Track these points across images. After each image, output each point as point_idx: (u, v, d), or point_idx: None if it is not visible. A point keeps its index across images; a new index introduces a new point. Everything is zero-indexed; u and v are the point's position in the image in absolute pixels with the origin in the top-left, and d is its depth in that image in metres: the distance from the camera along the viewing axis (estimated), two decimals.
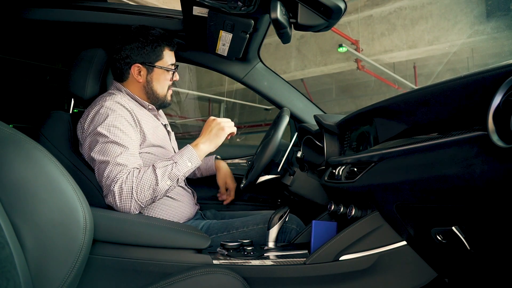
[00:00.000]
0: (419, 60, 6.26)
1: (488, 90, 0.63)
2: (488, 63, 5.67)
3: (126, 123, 1.15)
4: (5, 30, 1.50)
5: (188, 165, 1.12)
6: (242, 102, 8.36)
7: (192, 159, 1.13)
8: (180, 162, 1.10)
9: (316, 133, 1.50)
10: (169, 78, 1.32)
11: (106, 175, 1.06)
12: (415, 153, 0.79)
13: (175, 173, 1.09)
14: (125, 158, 1.08)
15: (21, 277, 0.67)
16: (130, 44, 1.25)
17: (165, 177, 1.07)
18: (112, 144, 1.09)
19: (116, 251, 0.92)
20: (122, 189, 1.02)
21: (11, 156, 0.72)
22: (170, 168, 1.08)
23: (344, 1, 0.95)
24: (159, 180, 1.06)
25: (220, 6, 1.10)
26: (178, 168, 1.09)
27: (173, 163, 1.09)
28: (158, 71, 1.28)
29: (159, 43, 1.27)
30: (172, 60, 1.32)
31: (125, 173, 1.05)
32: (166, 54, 1.29)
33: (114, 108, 1.16)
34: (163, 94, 1.32)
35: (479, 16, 4.88)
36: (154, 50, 1.26)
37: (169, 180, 1.08)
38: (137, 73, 1.27)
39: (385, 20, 5.61)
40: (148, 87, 1.29)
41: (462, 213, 0.71)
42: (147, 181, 1.05)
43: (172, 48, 1.32)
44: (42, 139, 1.19)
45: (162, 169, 1.07)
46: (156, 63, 1.27)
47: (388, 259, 0.94)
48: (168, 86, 1.33)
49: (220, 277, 0.89)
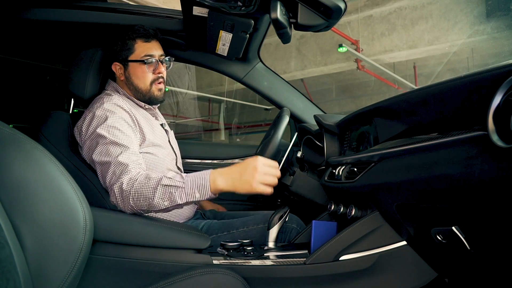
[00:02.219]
0: (419, 60, 6.26)
1: (488, 90, 0.63)
2: (488, 63, 5.67)
3: (125, 124, 1.15)
4: (5, 30, 1.50)
5: (196, 195, 0.95)
6: (242, 102, 8.36)
7: (202, 190, 0.95)
8: (187, 188, 0.95)
9: (316, 133, 1.50)
10: (147, 70, 1.25)
11: (110, 175, 1.04)
12: (415, 153, 0.79)
13: (175, 198, 0.95)
14: (126, 157, 1.06)
15: (21, 277, 0.67)
16: (108, 43, 1.28)
17: (165, 197, 0.95)
18: (113, 144, 1.08)
19: (116, 251, 0.92)
20: (123, 190, 1.00)
21: (11, 156, 0.72)
22: (173, 190, 0.95)
23: (344, 1, 0.95)
24: (156, 197, 0.95)
25: (220, 6, 1.10)
26: (181, 195, 0.95)
27: (179, 188, 0.95)
28: (132, 65, 1.25)
29: (129, 36, 1.24)
30: (147, 51, 1.24)
31: (128, 173, 1.02)
32: (138, 46, 1.24)
33: (113, 109, 1.15)
34: (146, 88, 1.26)
35: (479, 16, 4.88)
36: (125, 45, 1.25)
37: (167, 202, 0.95)
38: (118, 71, 1.28)
39: (385, 20, 5.61)
40: (129, 83, 1.27)
41: (462, 213, 0.71)
42: (145, 192, 0.96)
43: (146, 40, 1.25)
44: (42, 139, 1.19)
45: (164, 188, 0.95)
46: (129, 57, 1.25)
47: (388, 259, 0.94)
48: (152, 80, 1.26)
49: (220, 277, 0.89)
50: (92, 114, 1.15)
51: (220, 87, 7.91)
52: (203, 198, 0.96)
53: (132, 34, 1.25)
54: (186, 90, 7.07)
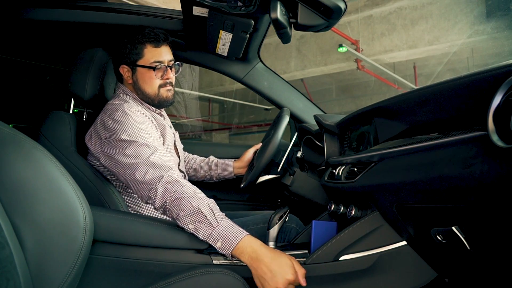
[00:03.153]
0: (419, 60, 6.27)
1: (488, 90, 0.63)
2: (488, 63, 5.68)
3: (150, 127, 1.14)
4: (5, 30, 1.50)
5: (217, 243, 0.89)
6: (242, 102, 8.36)
7: (226, 245, 0.88)
8: (215, 232, 0.89)
9: (316, 133, 1.50)
10: (155, 76, 1.24)
11: (150, 175, 1.00)
12: (415, 153, 0.79)
13: (198, 230, 0.91)
14: (158, 158, 1.04)
15: (21, 277, 0.67)
16: (117, 45, 1.26)
17: (193, 221, 0.91)
18: (142, 146, 1.06)
19: (116, 251, 0.92)
20: (167, 190, 0.97)
21: (11, 156, 0.72)
22: (204, 222, 0.90)
23: (344, 1, 0.95)
24: (188, 217, 0.92)
25: (220, 6, 1.10)
26: (205, 232, 0.90)
27: (210, 226, 0.90)
28: (140, 70, 1.23)
29: (139, 40, 1.22)
30: (156, 57, 1.23)
31: (172, 173, 1.00)
32: (147, 51, 1.23)
33: (133, 114, 1.14)
34: (154, 93, 1.25)
35: (479, 16, 4.88)
36: (134, 49, 1.22)
37: (192, 226, 0.92)
38: (126, 74, 1.26)
39: (385, 20, 5.62)
40: (137, 87, 1.26)
41: (462, 213, 0.71)
42: (183, 206, 0.93)
43: (156, 44, 1.23)
44: (42, 139, 1.19)
45: (199, 214, 0.91)
46: (137, 62, 1.23)
47: (388, 259, 0.94)
48: (160, 85, 1.25)
49: (220, 277, 0.88)
50: (115, 123, 1.12)
51: (220, 87, 7.92)
52: (221, 252, 0.89)
53: (142, 38, 1.22)
54: (189, 90, 7.08)
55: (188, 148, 1.66)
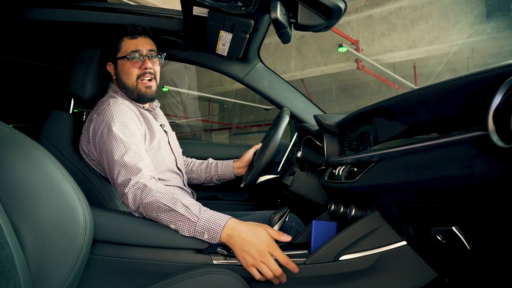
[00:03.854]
0: (419, 60, 6.26)
1: (488, 90, 0.63)
2: (488, 63, 5.68)
3: (132, 125, 1.15)
4: (5, 30, 1.50)
5: (204, 235, 0.92)
6: (242, 102, 8.36)
7: (213, 234, 0.91)
8: (198, 226, 0.92)
9: (316, 133, 1.50)
10: (133, 66, 1.24)
11: (122, 178, 1.03)
12: (415, 153, 0.79)
13: (182, 229, 0.93)
14: (136, 159, 1.06)
15: (21, 277, 0.67)
16: (104, 44, 1.30)
17: (173, 222, 0.93)
18: (122, 146, 1.08)
19: (116, 251, 0.92)
20: (136, 196, 0.99)
21: (11, 156, 0.72)
22: (184, 221, 0.92)
23: (344, 1, 0.95)
24: (165, 218, 0.94)
25: (220, 6, 1.10)
26: (190, 229, 0.92)
27: (191, 222, 0.92)
28: (120, 62, 1.26)
29: (116, 35, 1.27)
30: (132, 47, 1.24)
31: (141, 177, 1.01)
32: (125, 44, 1.26)
33: (119, 111, 1.16)
34: (132, 85, 1.25)
35: (479, 16, 4.88)
36: (113, 43, 1.27)
37: (173, 226, 0.94)
38: (112, 71, 1.29)
39: (385, 20, 5.62)
40: (119, 81, 1.28)
41: (462, 213, 0.71)
42: (156, 208, 0.95)
43: (132, 36, 1.25)
44: (42, 139, 1.19)
45: (176, 215, 0.93)
46: (117, 55, 1.26)
47: (388, 259, 0.94)
48: (138, 75, 1.25)
49: (220, 277, 0.88)
50: (98, 117, 1.15)
51: (220, 87, 7.92)
52: (211, 242, 0.93)
53: (121, 32, 1.26)
54: (186, 90, 7.08)
55: (188, 148, 1.66)
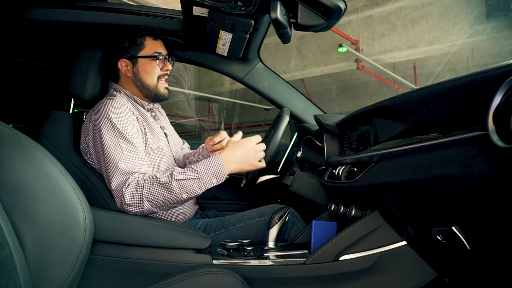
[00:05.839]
0: (419, 60, 6.26)
1: (488, 90, 0.63)
2: (488, 63, 5.67)
3: (130, 125, 1.15)
4: (5, 30, 1.50)
5: (213, 182, 1.02)
6: (242, 102, 8.36)
7: (219, 175, 1.02)
8: (203, 178, 1.01)
9: (316, 133, 1.50)
10: (156, 67, 1.28)
11: (116, 180, 1.03)
12: (415, 153, 0.79)
13: (194, 189, 1.00)
14: (131, 161, 1.06)
15: (21, 277, 0.67)
16: (114, 42, 1.28)
17: (183, 190, 0.99)
18: (119, 147, 1.08)
19: (116, 251, 0.92)
20: (134, 195, 1.00)
21: (11, 156, 0.72)
22: (190, 183, 1.00)
23: (344, 1, 0.95)
24: (173, 193, 0.99)
25: (220, 6, 1.10)
26: (200, 185, 1.01)
27: (196, 179, 1.00)
28: (142, 61, 1.27)
29: (138, 34, 1.27)
30: (156, 49, 1.28)
31: (134, 178, 1.03)
32: (148, 43, 1.28)
33: (118, 110, 1.15)
34: (153, 84, 1.28)
35: (479, 16, 4.88)
36: (134, 42, 1.27)
37: (185, 194, 1.00)
38: (125, 68, 1.28)
39: (385, 20, 5.61)
40: (137, 79, 1.28)
41: (462, 213, 0.71)
42: (160, 190, 1.00)
43: (155, 38, 1.29)
44: (42, 139, 1.19)
45: (179, 183, 0.99)
46: (138, 53, 1.27)
47: (388, 259, 0.94)
48: (159, 76, 1.29)
49: (220, 277, 0.89)
50: (97, 117, 1.15)
51: (220, 87, 7.91)
52: (219, 182, 1.03)
53: (141, 32, 1.28)
54: (186, 90, 7.07)
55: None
